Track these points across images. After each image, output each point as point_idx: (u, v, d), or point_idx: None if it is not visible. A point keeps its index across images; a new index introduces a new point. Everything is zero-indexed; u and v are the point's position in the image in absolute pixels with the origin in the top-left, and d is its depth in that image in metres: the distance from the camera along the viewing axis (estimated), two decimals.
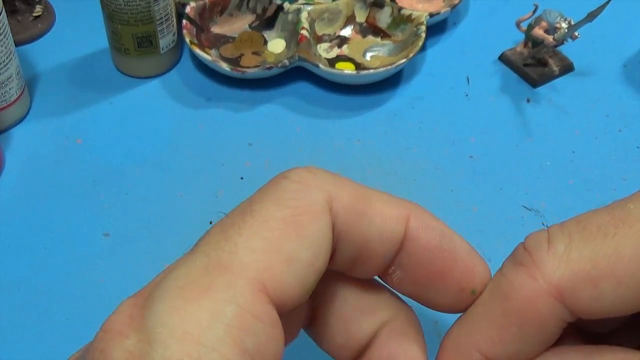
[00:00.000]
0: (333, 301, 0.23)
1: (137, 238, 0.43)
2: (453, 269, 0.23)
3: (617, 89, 0.53)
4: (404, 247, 0.22)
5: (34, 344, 0.38)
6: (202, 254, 0.20)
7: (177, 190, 0.45)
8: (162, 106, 0.51)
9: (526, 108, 0.51)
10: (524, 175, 0.47)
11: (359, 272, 0.23)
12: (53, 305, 0.39)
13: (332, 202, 0.21)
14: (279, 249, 0.20)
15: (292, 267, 0.20)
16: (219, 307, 0.18)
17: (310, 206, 0.21)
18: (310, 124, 0.50)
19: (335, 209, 0.21)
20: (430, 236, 0.23)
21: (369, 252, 0.22)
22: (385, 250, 0.22)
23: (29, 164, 0.47)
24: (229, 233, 0.20)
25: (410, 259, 0.23)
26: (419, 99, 0.51)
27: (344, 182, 0.22)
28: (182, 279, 0.19)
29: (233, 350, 0.18)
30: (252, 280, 0.19)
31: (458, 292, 0.23)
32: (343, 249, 0.22)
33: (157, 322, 0.18)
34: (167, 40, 0.51)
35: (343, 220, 0.21)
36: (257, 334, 0.18)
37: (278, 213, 0.20)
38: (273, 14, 0.54)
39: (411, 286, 0.23)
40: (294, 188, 0.21)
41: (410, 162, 0.47)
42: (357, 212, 0.22)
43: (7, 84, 0.46)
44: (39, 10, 0.55)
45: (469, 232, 0.43)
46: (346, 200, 0.22)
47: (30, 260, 0.41)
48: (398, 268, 0.23)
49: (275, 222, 0.20)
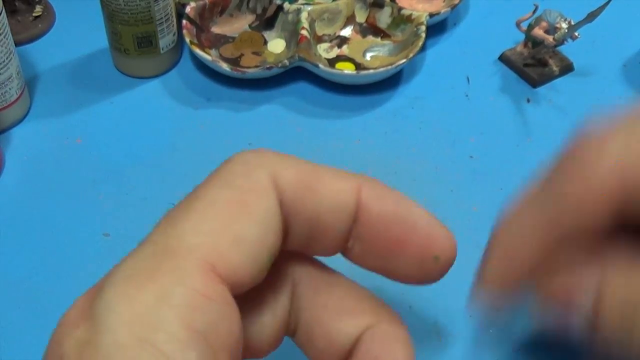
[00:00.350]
0: (314, 305, 0.23)
1: (137, 238, 0.42)
2: (412, 236, 0.22)
3: (617, 89, 0.53)
4: (358, 219, 0.22)
5: (34, 344, 0.38)
6: (150, 242, 0.20)
7: (177, 190, 0.45)
8: (162, 106, 0.51)
9: (526, 108, 0.51)
10: (524, 175, 0.47)
11: (318, 249, 0.23)
12: (53, 305, 0.39)
13: (278, 180, 0.21)
14: (226, 229, 0.20)
15: (240, 246, 0.20)
16: (166, 289, 0.18)
17: (255, 184, 0.21)
18: (310, 124, 0.50)
19: (281, 186, 0.21)
20: (384, 204, 0.22)
21: (321, 226, 0.22)
22: (337, 222, 0.22)
23: (29, 164, 0.47)
24: (175, 219, 0.20)
25: (366, 230, 0.22)
26: (419, 99, 0.51)
27: (289, 159, 0.22)
28: (130, 269, 0.19)
29: (181, 329, 0.18)
30: (200, 261, 0.19)
31: (421, 260, 0.23)
32: (295, 225, 0.22)
33: (105, 309, 0.18)
34: (167, 40, 0.51)
35: (291, 196, 0.21)
36: (208, 313, 0.18)
37: (223, 194, 0.21)
38: (273, 14, 0.54)
39: (373, 259, 0.23)
40: (239, 170, 0.21)
41: (410, 162, 0.47)
42: (304, 186, 0.22)
43: (7, 84, 0.46)
44: (39, 10, 0.55)
45: (469, 232, 0.43)
46: (292, 176, 0.21)
47: (30, 260, 0.41)
48: (357, 241, 0.23)
49: (220, 203, 0.20)
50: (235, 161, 0.22)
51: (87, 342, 0.18)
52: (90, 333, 0.18)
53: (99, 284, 0.20)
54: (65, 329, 0.19)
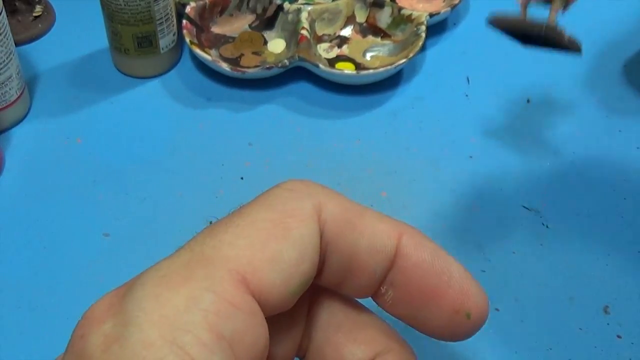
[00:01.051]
0: (326, 329, 0.23)
1: (137, 238, 0.43)
2: (446, 289, 0.22)
3: (617, 89, 0.53)
4: (395, 265, 0.22)
5: (34, 344, 0.38)
6: (187, 249, 0.21)
7: (177, 190, 0.45)
8: (162, 106, 0.51)
9: (526, 108, 0.51)
10: (523, 175, 0.47)
11: (350, 288, 0.23)
12: (53, 305, 0.39)
13: (322, 211, 0.22)
14: (263, 246, 0.20)
15: (275, 264, 0.20)
16: (197, 294, 0.19)
17: (299, 211, 0.21)
18: (310, 124, 0.50)
19: (324, 218, 0.21)
20: (423, 254, 0.22)
21: (358, 265, 0.22)
22: (375, 263, 0.22)
23: (29, 164, 0.47)
24: (215, 232, 0.21)
25: (402, 277, 0.22)
26: (419, 99, 0.51)
27: (335, 194, 0.22)
28: (163, 270, 0.20)
29: (208, 334, 0.18)
30: (232, 271, 0.19)
31: (452, 314, 0.22)
32: (333, 260, 0.22)
33: (135, 307, 0.19)
34: (167, 40, 0.51)
35: (332, 229, 0.22)
36: (235, 321, 0.19)
37: (265, 215, 0.21)
38: (273, 14, 0.54)
39: (404, 308, 0.23)
40: (285, 195, 0.22)
41: (410, 162, 0.47)
42: (347, 222, 0.22)
43: (7, 84, 0.46)
44: (39, 10, 0.55)
45: (469, 232, 0.43)
46: (336, 210, 0.22)
47: (30, 260, 0.41)
48: (390, 287, 0.23)
49: (262, 222, 0.21)
50: (282, 187, 0.22)
51: (113, 337, 0.18)
52: (117, 329, 0.18)
53: (130, 282, 0.20)
54: (91, 323, 0.19)
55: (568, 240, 0.43)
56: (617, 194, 0.46)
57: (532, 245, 0.43)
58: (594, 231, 0.44)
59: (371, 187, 0.45)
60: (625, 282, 0.41)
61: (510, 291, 0.40)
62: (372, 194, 0.45)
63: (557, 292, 0.41)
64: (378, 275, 0.22)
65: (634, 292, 0.41)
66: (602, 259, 0.42)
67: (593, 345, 0.38)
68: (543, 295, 0.40)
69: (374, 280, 0.23)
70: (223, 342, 0.18)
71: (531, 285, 0.41)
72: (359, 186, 0.45)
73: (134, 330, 0.18)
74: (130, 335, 0.18)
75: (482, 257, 0.42)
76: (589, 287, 0.41)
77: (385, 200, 0.45)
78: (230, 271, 0.19)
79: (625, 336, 0.39)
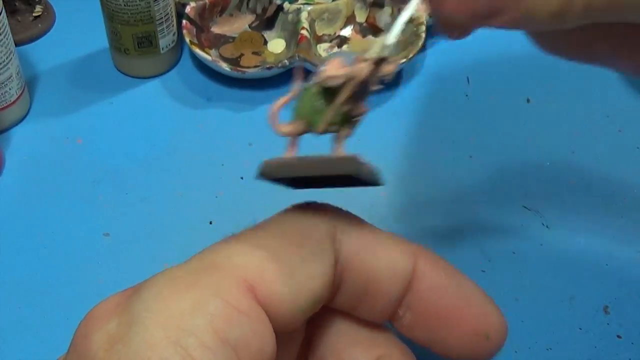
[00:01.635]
0: (327, 334, 0.23)
1: (137, 238, 0.43)
2: (465, 310, 0.22)
3: (617, 89, 0.53)
4: (412, 287, 0.22)
5: (34, 344, 0.38)
6: (198, 257, 0.21)
7: (177, 190, 0.45)
8: (162, 106, 0.51)
9: (526, 108, 0.51)
10: (524, 175, 0.47)
11: (366, 311, 0.23)
12: (53, 305, 0.39)
13: (337, 233, 0.21)
14: (275, 260, 0.20)
15: (285, 278, 0.20)
16: (204, 298, 0.19)
17: (314, 231, 0.21)
18: None
19: (339, 239, 0.21)
20: (440, 276, 0.22)
21: (375, 288, 0.22)
22: (392, 286, 0.22)
23: (29, 164, 0.46)
24: (229, 242, 0.21)
25: (420, 300, 0.22)
26: (419, 99, 0.51)
27: (351, 217, 0.23)
28: (172, 275, 0.20)
29: (212, 338, 0.18)
30: (240, 279, 0.19)
31: (471, 335, 0.22)
32: (348, 283, 0.22)
33: (141, 307, 0.19)
34: (167, 40, 0.51)
35: (348, 252, 0.21)
36: (241, 326, 0.19)
37: (281, 232, 0.21)
38: (273, 14, 0.54)
39: (423, 330, 0.23)
40: (301, 215, 0.22)
41: (411, 162, 0.47)
42: (363, 245, 0.22)
43: (7, 84, 0.46)
44: (39, 10, 0.55)
45: (469, 232, 0.43)
46: (352, 233, 0.22)
47: (30, 260, 0.41)
48: (408, 310, 0.22)
49: (275, 238, 0.21)
50: (298, 207, 0.22)
51: (118, 336, 0.18)
52: (123, 328, 0.18)
53: (138, 285, 0.20)
54: (95, 321, 0.19)
55: (568, 240, 0.43)
56: (617, 194, 0.46)
57: (532, 245, 0.43)
58: (594, 231, 0.44)
59: (371, 187, 0.45)
60: (625, 282, 0.41)
61: (510, 291, 0.40)
62: (372, 194, 0.45)
63: (557, 292, 0.41)
64: (394, 298, 0.22)
65: (634, 292, 0.41)
66: (602, 259, 0.42)
67: (593, 345, 0.38)
68: (543, 295, 0.40)
69: (390, 303, 0.22)
70: (227, 347, 0.18)
71: (531, 285, 0.41)
72: None
73: (138, 329, 0.18)
74: (135, 335, 0.18)
75: (482, 257, 0.42)
76: (589, 287, 0.41)
77: (385, 200, 0.44)
78: (239, 279, 0.19)
79: (625, 336, 0.39)
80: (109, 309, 0.19)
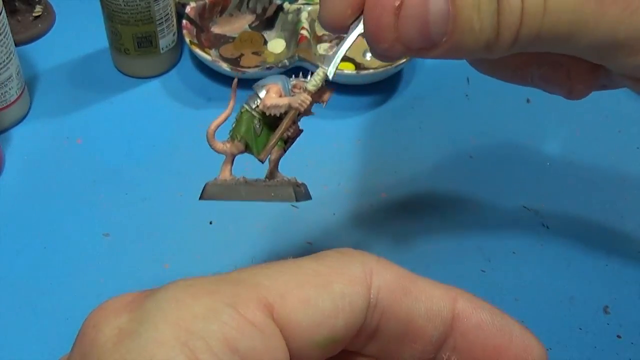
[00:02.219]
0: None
1: (137, 238, 0.43)
2: (509, 345, 0.22)
3: (617, 90, 0.52)
4: (454, 329, 0.22)
5: (34, 344, 0.38)
6: (224, 273, 0.20)
7: (177, 190, 0.45)
8: (162, 106, 0.51)
9: (526, 108, 0.51)
10: (524, 175, 0.47)
11: (408, 355, 0.23)
12: (53, 305, 0.39)
13: (373, 277, 0.21)
14: (300, 289, 0.20)
15: (306, 307, 0.20)
16: (218, 307, 0.19)
17: (347, 271, 0.21)
18: (310, 123, 0.50)
19: (377, 284, 0.21)
20: (482, 314, 0.22)
21: (415, 331, 0.22)
22: (432, 328, 0.22)
23: (29, 164, 0.46)
24: (257, 267, 0.21)
25: (464, 341, 0.22)
26: (419, 99, 0.51)
27: (387, 263, 0.22)
28: (193, 281, 0.20)
29: (221, 345, 0.18)
30: (259, 295, 0.19)
31: None
32: (387, 327, 0.22)
33: (154, 307, 0.19)
34: (167, 40, 0.51)
35: (387, 296, 0.21)
36: (253, 339, 0.19)
37: (312, 266, 0.21)
38: (273, 14, 0.54)
39: None
40: (337, 256, 0.22)
41: (410, 162, 0.47)
42: (401, 288, 0.22)
43: (7, 84, 0.46)
44: (39, 10, 0.55)
45: (469, 232, 0.43)
46: (390, 277, 0.22)
47: (30, 260, 0.41)
48: (453, 353, 0.22)
49: (306, 270, 0.21)
50: (336, 250, 0.22)
51: (127, 332, 0.18)
52: (133, 324, 0.18)
53: (156, 288, 0.20)
54: (106, 314, 0.19)
55: (568, 240, 0.43)
56: (617, 194, 0.46)
57: (532, 245, 0.43)
58: (594, 231, 0.44)
59: (371, 187, 0.45)
60: (625, 282, 0.41)
61: (510, 291, 0.40)
62: (372, 194, 0.45)
63: (557, 292, 0.41)
64: (435, 341, 0.22)
65: (634, 292, 0.41)
66: (602, 259, 0.42)
67: (593, 345, 0.38)
68: (543, 295, 0.40)
69: (431, 346, 0.22)
70: (235, 356, 0.18)
71: (531, 285, 0.41)
72: (358, 186, 0.45)
73: (149, 327, 0.18)
74: (144, 332, 0.18)
75: (482, 257, 0.42)
76: (589, 287, 0.41)
77: (385, 200, 0.45)
78: (259, 295, 0.19)
79: (625, 336, 0.39)
80: (123, 304, 0.19)
